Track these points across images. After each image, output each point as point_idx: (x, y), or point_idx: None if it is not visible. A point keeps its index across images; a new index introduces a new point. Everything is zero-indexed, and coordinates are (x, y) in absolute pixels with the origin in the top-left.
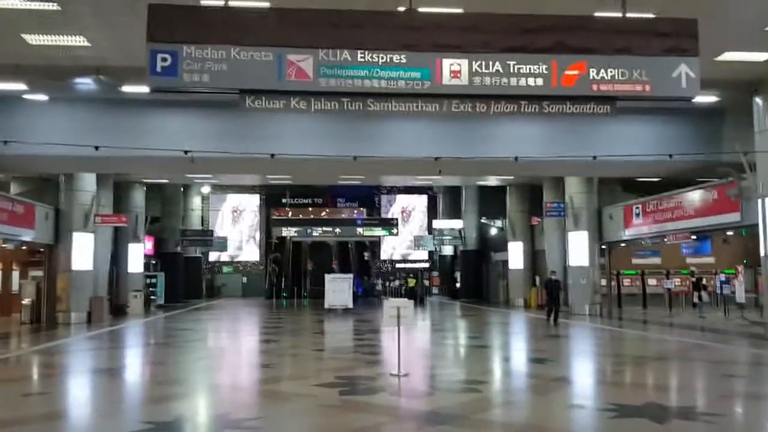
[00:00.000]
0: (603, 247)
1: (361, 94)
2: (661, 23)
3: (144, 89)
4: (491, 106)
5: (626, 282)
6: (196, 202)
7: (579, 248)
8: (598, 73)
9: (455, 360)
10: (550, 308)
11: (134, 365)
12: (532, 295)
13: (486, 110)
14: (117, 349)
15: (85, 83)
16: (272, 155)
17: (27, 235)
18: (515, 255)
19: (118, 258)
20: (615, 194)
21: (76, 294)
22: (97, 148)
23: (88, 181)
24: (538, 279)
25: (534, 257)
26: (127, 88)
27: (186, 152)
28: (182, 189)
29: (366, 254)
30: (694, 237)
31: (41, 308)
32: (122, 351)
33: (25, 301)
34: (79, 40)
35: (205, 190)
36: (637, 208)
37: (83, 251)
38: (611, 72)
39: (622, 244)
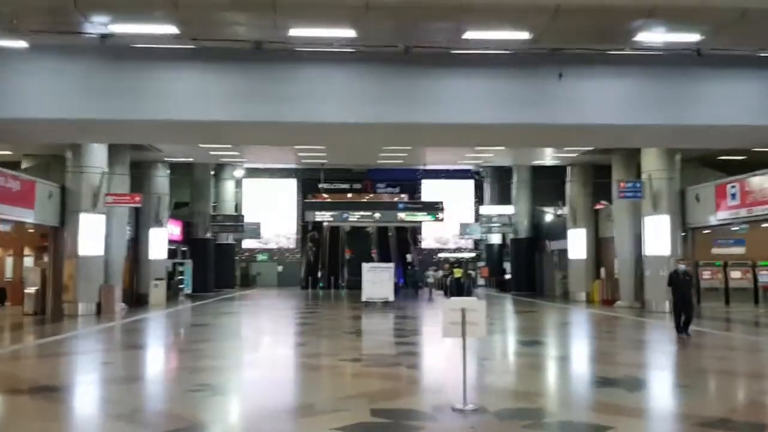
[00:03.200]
0: (683, 233)
1: None
2: None
3: (138, 30)
4: None
5: (705, 274)
6: (228, 186)
7: (658, 235)
8: None
9: (544, 382)
10: (679, 313)
11: (105, 380)
12: (595, 288)
13: None
14: (105, 352)
15: (67, 24)
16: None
17: (24, 216)
18: (576, 243)
19: (139, 244)
20: (698, 172)
21: (83, 282)
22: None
23: (98, 156)
24: (603, 270)
25: (598, 246)
26: (116, 28)
27: None
28: (213, 172)
29: (410, 254)
30: None
31: (46, 298)
32: (109, 355)
33: (29, 290)
34: None
35: (238, 173)
36: (733, 186)
37: (92, 235)
38: None
39: (706, 231)
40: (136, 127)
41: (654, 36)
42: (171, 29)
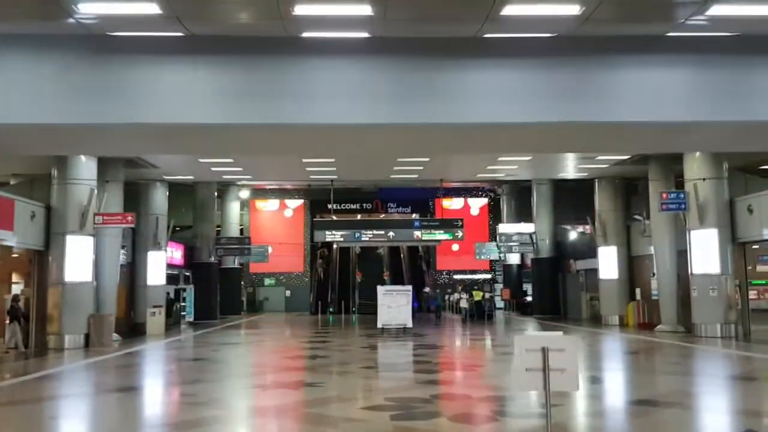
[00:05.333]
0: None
1: None
2: None
3: (117, 11)
4: None
5: (751, 294)
6: (233, 207)
7: (706, 251)
8: None
9: None
10: None
11: None
12: (630, 311)
13: None
14: (74, 398)
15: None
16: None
17: (2, 238)
18: (608, 262)
19: (135, 269)
20: (748, 181)
21: (70, 312)
22: None
23: (86, 172)
24: (639, 291)
25: (631, 265)
26: (92, 8)
27: None
28: (216, 194)
29: (426, 277)
30: None
31: (29, 329)
32: (75, 403)
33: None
34: None
35: (244, 194)
36: None
37: (80, 259)
38: None
39: (754, 246)
40: (116, 133)
41: (728, 9)
42: (153, 8)
